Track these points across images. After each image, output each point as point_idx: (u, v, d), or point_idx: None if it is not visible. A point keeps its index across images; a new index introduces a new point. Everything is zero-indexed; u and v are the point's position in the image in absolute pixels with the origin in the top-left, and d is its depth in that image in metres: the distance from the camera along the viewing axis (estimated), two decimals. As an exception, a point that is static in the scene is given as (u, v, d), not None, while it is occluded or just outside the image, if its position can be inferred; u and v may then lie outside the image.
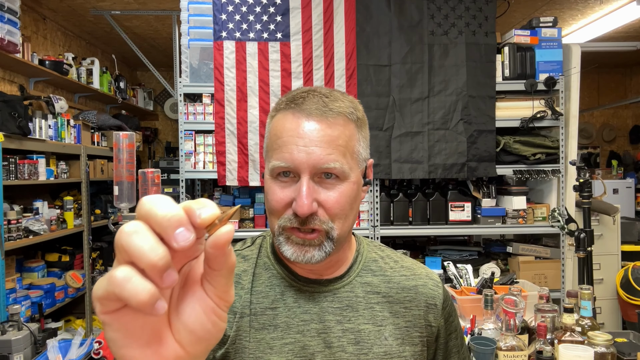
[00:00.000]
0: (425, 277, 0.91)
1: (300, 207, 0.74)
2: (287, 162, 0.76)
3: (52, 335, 2.60)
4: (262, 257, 0.89)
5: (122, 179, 2.25)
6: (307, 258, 0.77)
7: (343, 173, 0.77)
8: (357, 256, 0.90)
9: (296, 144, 0.76)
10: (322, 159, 0.75)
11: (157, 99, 6.43)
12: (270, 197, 0.80)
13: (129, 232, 0.34)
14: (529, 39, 3.31)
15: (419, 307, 0.87)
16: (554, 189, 3.42)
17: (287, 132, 0.77)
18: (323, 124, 0.77)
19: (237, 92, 3.14)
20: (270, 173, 0.79)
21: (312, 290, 0.85)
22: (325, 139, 0.76)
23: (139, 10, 4.14)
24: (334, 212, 0.77)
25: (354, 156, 0.80)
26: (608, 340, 1.44)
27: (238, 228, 3.26)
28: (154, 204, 0.35)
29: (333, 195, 0.77)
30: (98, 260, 4.42)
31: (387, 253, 0.94)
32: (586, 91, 6.44)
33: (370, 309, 0.85)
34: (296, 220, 0.77)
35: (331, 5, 3.18)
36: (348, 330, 0.82)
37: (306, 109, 0.77)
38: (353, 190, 0.80)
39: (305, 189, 0.75)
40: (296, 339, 0.81)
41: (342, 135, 0.78)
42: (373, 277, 0.88)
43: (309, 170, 0.75)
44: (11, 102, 3.08)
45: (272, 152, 0.79)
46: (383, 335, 0.83)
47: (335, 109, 0.78)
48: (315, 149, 0.75)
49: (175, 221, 0.34)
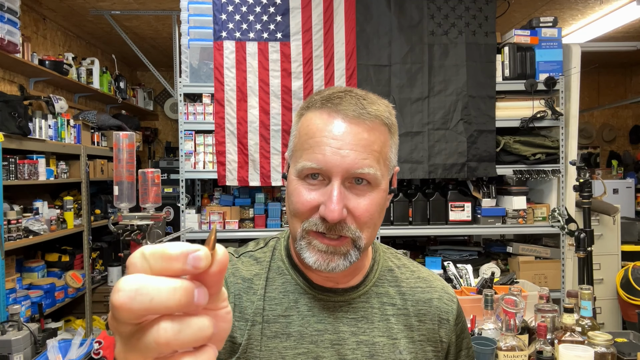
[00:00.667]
0: (441, 290, 0.89)
1: (330, 212, 0.70)
2: (320, 163, 0.72)
3: (52, 335, 2.60)
4: (275, 260, 0.86)
5: (122, 179, 2.25)
6: (331, 267, 0.74)
7: (376, 180, 0.74)
8: (374, 264, 0.87)
9: (330, 145, 0.72)
10: (356, 164, 0.71)
11: (157, 99, 6.42)
12: (295, 198, 0.75)
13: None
14: (529, 39, 3.31)
15: (432, 321, 0.85)
16: (554, 189, 3.42)
17: (321, 132, 0.73)
18: (360, 127, 0.73)
19: (237, 92, 3.14)
20: (298, 174, 0.75)
21: (327, 299, 0.81)
22: (362, 142, 0.72)
23: (139, 10, 4.14)
24: (363, 221, 0.74)
25: (386, 163, 0.77)
26: (608, 340, 1.44)
27: (238, 228, 3.26)
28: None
29: (364, 202, 0.74)
30: (98, 260, 4.42)
31: (404, 262, 0.92)
32: (586, 91, 6.43)
33: (385, 321, 0.82)
34: (323, 226, 0.73)
35: (331, 5, 3.18)
36: (362, 343, 0.79)
37: (343, 109, 0.73)
38: (382, 199, 0.77)
39: (336, 193, 0.71)
40: (309, 349, 0.78)
41: (377, 141, 0.74)
42: (389, 287, 0.86)
43: (342, 175, 0.72)
44: (11, 102, 3.08)
45: (302, 152, 0.75)
46: (397, 349, 0.81)
47: (372, 112, 0.74)
48: (350, 152, 0.71)
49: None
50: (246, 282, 0.82)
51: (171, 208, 4.42)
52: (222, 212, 3.24)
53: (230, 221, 3.24)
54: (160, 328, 0.30)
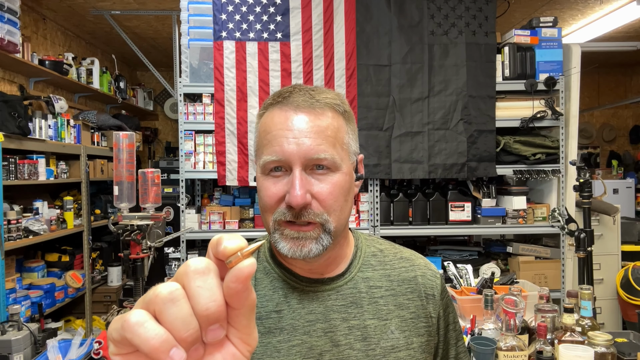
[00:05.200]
0: (424, 267, 0.92)
1: (294, 198, 0.73)
2: (278, 155, 0.76)
3: (52, 335, 2.59)
4: (261, 262, 0.88)
5: (122, 179, 2.25)
6: (305, 252, 0.76)
7: (334, 164, 0.77)
8: (357, 251, 0.90)
9: (286, 137, 0.76)
10: (312, 149, 0.75)
11: (157, 99, 6.42)
12: (263, 193, 0.79)
13: (165, 298, 0.33)
14: (529, 39, 3.31)
15: (420, 297, 0.88)
16: (554, 189, 3.42)
17: (276, 126, 0.77)
18: (311, 115, 0.77)
19: (237, 92, 3.14)
20: (262, 170, 0.79)
21: (315, 290, 0.84)
22: (314, 129, 0.76)
23: (139, 10, 4.14)
24: (328, 204, 0.77)
25: (344, 147, 0.80)
26: (608, 340, 1.44)
27: (238, 228, 3.26)
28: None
29: (326, 186, 0.77)
30: (98, 260, 4.42)
31: (386, 246, 0.94)
32: (586, 91, 6.43)
33: (374, 304, 0.84)
34: (290, 214, 0.76)
35: (331, 5, 3.18)
36: (354, 327, 0.82)
37: (293, 101, 0.78)
38: (346, 182, 0.79)
39: (297, 180, 0.74)
40: (303, 340, 0.80)
41: (330, 126, 0.78)
42: (374, 271, 0.88)
43: (301, 162, 0.75)
44: (11, 102, 3.08)
45: (263, 149, 0.79)
46: (389, 329, 0.83)
47: (321, 100, 0.78)
48: (305, 140, 0.75)
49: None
50: None
51: (171, 208, 4.41)
52: (222, 212, 3.24)
53: (230, 221, 3.24)
54: None
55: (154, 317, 0.33)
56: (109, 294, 4.27)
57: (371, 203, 3.27)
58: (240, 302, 0.35)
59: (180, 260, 3.23)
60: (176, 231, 3.23)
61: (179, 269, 0.35)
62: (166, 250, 3.46)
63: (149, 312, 0.33)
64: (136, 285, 2.35)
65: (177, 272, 0.35)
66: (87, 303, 4.00)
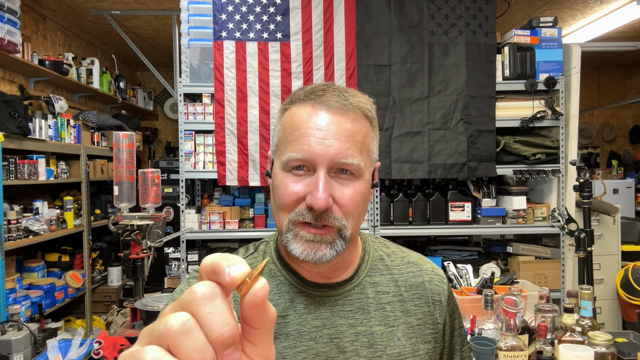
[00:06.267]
0: (432, 272, 0.90)
1: (317, 200, 0.71)
2: (305, 154, 0.73)
3: (52, 335, 2.59)
4: (267, 263, 0.87)
5: (122, 179, 2.25)
6: (318, 256, 0.74)
7: (359, 170, 0.75)
8: (364, 255, 0.88)
9: (315, 136, 0.73)
10: (341, 153, 0.73)
11: (157, 99, 6.42)
12: (281, 190, 0.76)
13: (179, 331, 0.31)
14: (529, 39, 3.31)
15: (427, 303, 0.86)
16: (554, 189, 3.42)
17: (306, 124, 0.75)
18: (343, 118, 0.75)
19: (237, 92, 3.14)
20: (284, 166, 0.76)
21: (322, 295, 0.82)
22: (345, 132, 0.74)
23: (139, 10, 4.14)
24: (348, 210, 0.75)
25: (369, 154, 0.79)
26: (608, 340, 1.44)
27: (238, 228, 3.26)
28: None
29: (348, 192, 0.75)
30: (98, 260, 4.42)
31: (393, 249, 0.93)
32: (586, 91, 6.43)
33: (381, 310, 0.83)
34: (310, 215, 0.73)
35: (331, 5, 3.18)
36: (360, 334, 0.80)
37: (326, 101, 0.75)
38: (366, 189, 0.78)
39: (322, 182, 0.72)
40: (309, 346, 0.79)
41: (360, 132, 0.76)
42: (381, 276, 0.87)
43: (327, 164, 0.73)
44: (11, 102, 3.08)
45: (287, 145, 0.76)
46: (396, 335, 0.82)
47: (355, 104, 0.76)
48: (335, 142, 0.73)
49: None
50: None
51: (171, 208, 4.41)
52: (222, 212, 3.24)
53: (230, 221, 3.24)
54: None
55: (169, 351, 0.31)
56: (109, 294, 4.27)
57: (371, 203, 3.27)
58: (262, 322, 0.34)
59: (180, 261, 3.23)
60: (176, 231, 3.23)
61: (183, 296, 0.33)
62: (166, 250, 3.46)
63: (162, 347, 0.31)
64: (136, 285, 2.35)
65: (182, 299, 0.33)
66: (87, 303, 4.00)
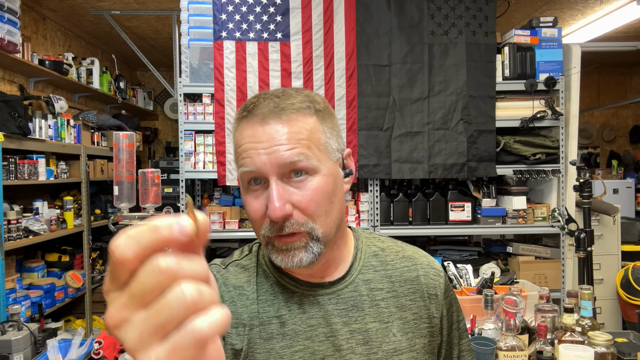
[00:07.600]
0: (427, 266, 0.90)
1: (272, 212, 0.72)
2: (250, 166, 0.75)
3: (52, 335, 2.60)
4: (261, 265, 0.87)
5: (122, 179, 2.25)
6: (296, 262, 0.76)
7: (311, 166, 0.75)
8: (357, 253, 0.88)
9: (255, 148, 0.75)
10: (284, 156, 0.73)
11: (157, 99, 6.42)
12: (247, 209, 0.79)
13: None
14: (529, 39, 3.31)
15: (422, 297, 0.86)
16: (554, 189, 3.42)
17: (245, 139, 0.76)
18: (279, 123, 0.75)
19: (237, 92, 3.14)
20: (242, 183, 0.78)
21: (315, 294, 0.83)
22: (285, 136, 0.74)
23: (139, 10, 4.14)
24: (310, 212, 0.75)
25: (321, 148, 0.77)
26: (608, 340, 1.44)
27: (238, 228, 3.26)
28: None
29: (306, 194, 0.75)
30: (98, 260, 4.42)
31: (388, 244, 0.92)
32: (586, 91, 6.43)
33: (375, 307, 0.83)
34: (273, 228, 0.75)
35: (331, 5, 3.18)
36: (355, 331, 0.81)
37: (259, 113, 0.76)
38: (328, 184, 0.77)
39: (275, 192, 0.73)
40: (305, 345, 0.80)
41: (302, 130, 0.76)
42: (375, 272, 0.87)
43: (275, 171, 0.74)
44: (11, 102, 3.08)
45: (238, 162, 0.78)
46: (391, 331, 0.82)
47: (287, 107, 0.76)
48: (276, 148, 0.74)
49: None
50: (237, 290, 0.84)
51: (171, 208, 4.41)
52: (222, 212, 3.24)
53: (230, 221, 3.24)
54: (159, 259, 0.31)
55: None
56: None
57: (371, 203, 3.27)
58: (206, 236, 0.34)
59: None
60: (176, 231, 3.23)
61: None
62: (166, 250, 3.45)
63: None
64: (136, 285, 2.35)
65: None
66: (87, 303, 4.00)
